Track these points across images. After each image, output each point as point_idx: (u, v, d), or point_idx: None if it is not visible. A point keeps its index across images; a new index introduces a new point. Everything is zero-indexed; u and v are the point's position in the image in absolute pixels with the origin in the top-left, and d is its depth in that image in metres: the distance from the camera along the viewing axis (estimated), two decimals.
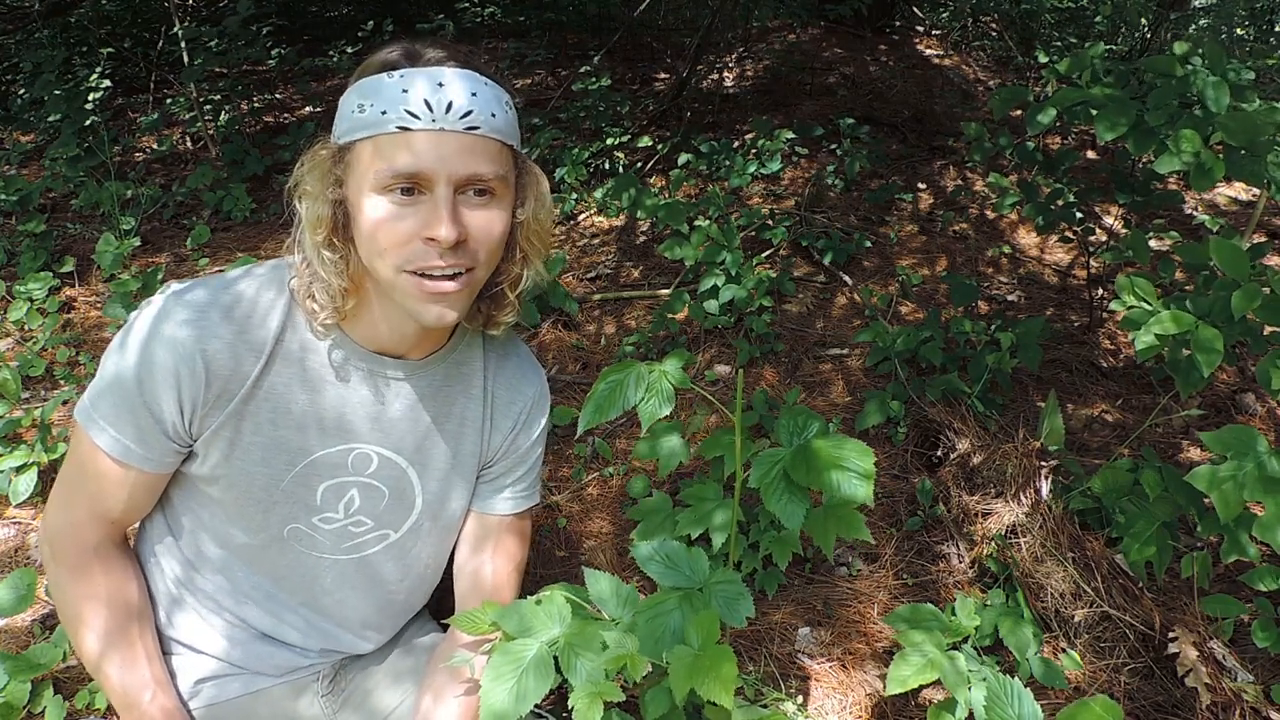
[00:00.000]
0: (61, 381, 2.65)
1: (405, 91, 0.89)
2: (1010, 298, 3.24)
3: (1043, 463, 2.07)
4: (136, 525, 1.17)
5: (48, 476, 2.19)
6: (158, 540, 1.14)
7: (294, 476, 1.06)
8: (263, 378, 1.00)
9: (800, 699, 1.68)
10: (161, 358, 0.95)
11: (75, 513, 1.06)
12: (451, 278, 0.93)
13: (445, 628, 1.23)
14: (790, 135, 4.06)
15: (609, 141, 4.13)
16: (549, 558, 2.14)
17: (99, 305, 3.16)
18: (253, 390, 1.00)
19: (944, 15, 6.10)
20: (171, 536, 1.13)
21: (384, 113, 0.89)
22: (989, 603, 1.85)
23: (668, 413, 1.08)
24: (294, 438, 1.04)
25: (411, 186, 0.90)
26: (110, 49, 4.67)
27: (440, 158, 0.89)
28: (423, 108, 0.88)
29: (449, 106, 0.89)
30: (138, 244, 3.50)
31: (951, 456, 2.21)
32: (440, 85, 0.90)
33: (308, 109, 5.04)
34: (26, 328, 2.94)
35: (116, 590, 1.08)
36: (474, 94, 0.91)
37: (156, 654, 1.12)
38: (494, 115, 0.93)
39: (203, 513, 1.10)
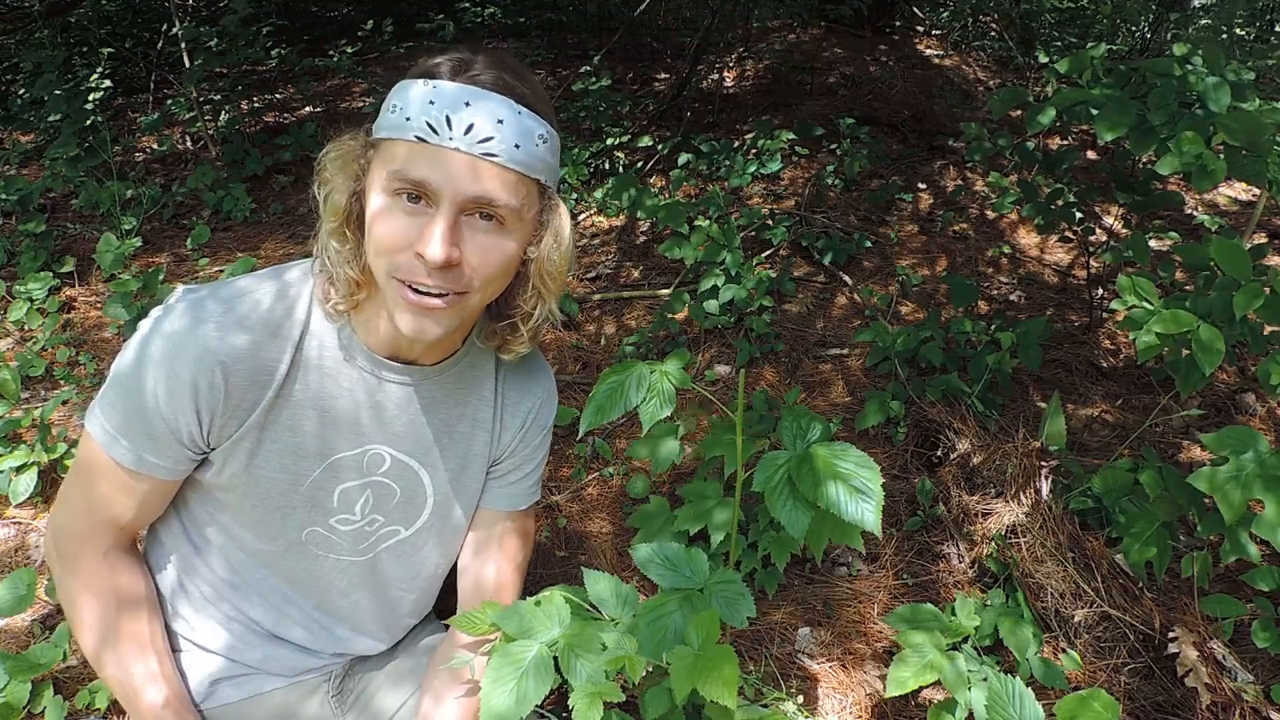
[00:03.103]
0: (61, 381, 2.65)
1: (431, 104, 0.88)
2: (1010, 298, 3.24)
3: (1043, 463, 2.07)
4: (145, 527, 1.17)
5: (48, 476, 2.19)
6: (170, 540, 1.14)
7: (312, 481, 1.06)
8: (284, 387, 1.00)
9: (800, 699, 1.68)
10: (178, 369, 0.94)
11: (82, 518, 1.05)
12: (438, 295, 0.91)
13: (449, 628, 1.23)
14: (790, 135, 4.06)
15: (609, 141, 4.13)
16: (549, 558, 2.14)
17: (99, 305, 3.16)
18: (275, 400, 0.99)
19: (944, 15, 6.10)
20: (185, 537, 1.13)
21: (408, 119, 0.88)
22: (989, 603, 1.85)
23: (669, 413, 1.07)
24: (312, 443, 1.04)
25: (418, 195, 0.89)
26: (110, 49, 4.66)
27: (447, 177, 0.87)
28: (442, 124, 0.87)
29: (469, 128, 0.87)
30: (138, 244, 3.50)
31: (951, 456, 2.21)
32: (467, 105, 0.88)
33: (308, 109, 5.04)
34: (26, 328, 2.94)
35: (123, 589, 1.08)
36: (500, 121, 0.89)
37: (165, 651, 1.11)
38: (518, 146, 0.90)
39: (220, 516, 1.09)
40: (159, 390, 0.94)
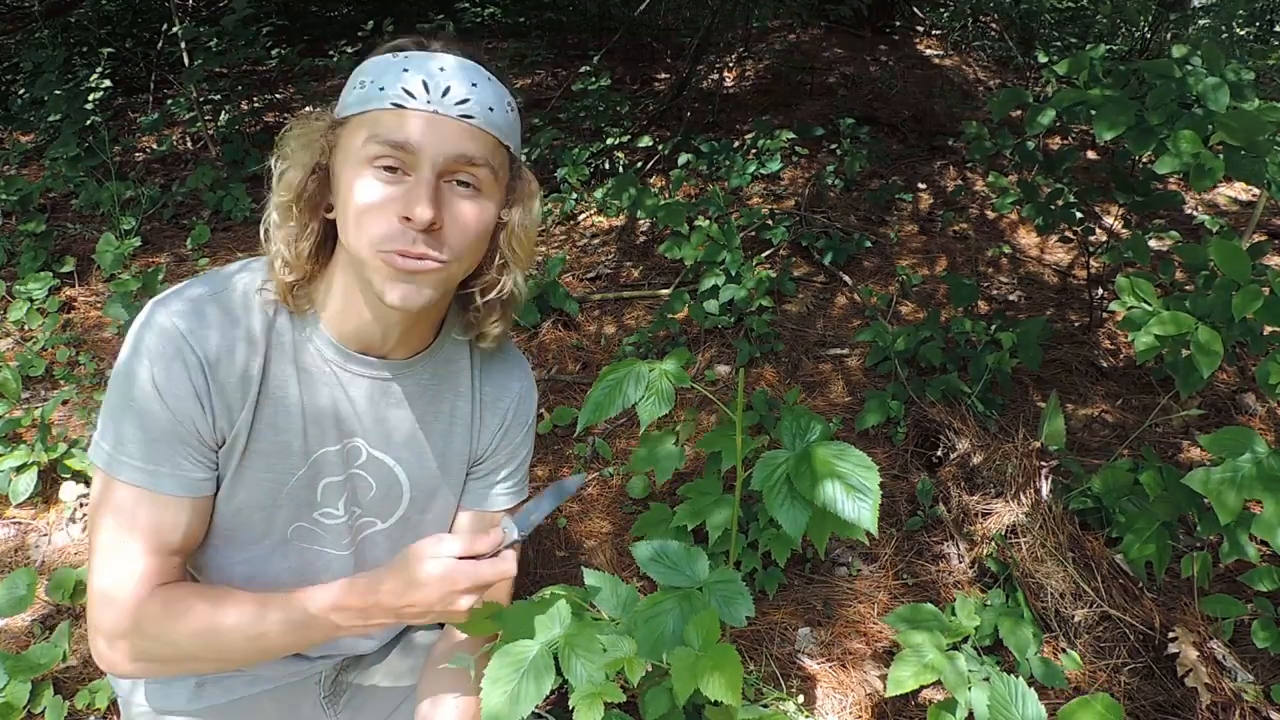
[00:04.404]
0: (61, 381, 2.65)
1: (405, 71, 0.90)
2: (1010, 298, 3.24)
3: (1043, 463, 2.07)
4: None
5: (48, 476, 2.19)
6: None
7: (297, 479, 1.05)
8: (264, 385, 0.99)
9: (800, 699, 1.68)
10: (172, 382, 0.93)
11: (135, 563, 0.96)
12: (423, 259, 0.91)
13: (442, 625, 1.23)
14: (790, 135, 4.06)
15: (609, 141, 4.13)
16: (549, 558, 2.14)
17: (99, 305, 3.16)
18: (258, 399, 0.99)
19: (944, 15, 6.10)
20: None
21: (381, 89, 0.90)
22: (989, 603, 1.85)
23: (667, 412, 1.07)
24: (296, 441, 1.03)
25: (396, 164, 0.90)
26: (110, 49, 4.66)
27: (428, 137, 0.89)
28: (420, 88, 0.89)
29: (446, 90, 0.90)
30: (138, 244, 3.50)
31: (951, 456, 2.21)
32: (441, 69, 0.90)
33: (308, 109, 5.03)
34: (26, 328, 2.95)
35: (199, 590, 1.02)
36: (474, 84, 0.92)
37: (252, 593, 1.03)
38: (492, 110, 0.93)
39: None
40: (166, 408, 0.93)
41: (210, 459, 0.98)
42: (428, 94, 0.89)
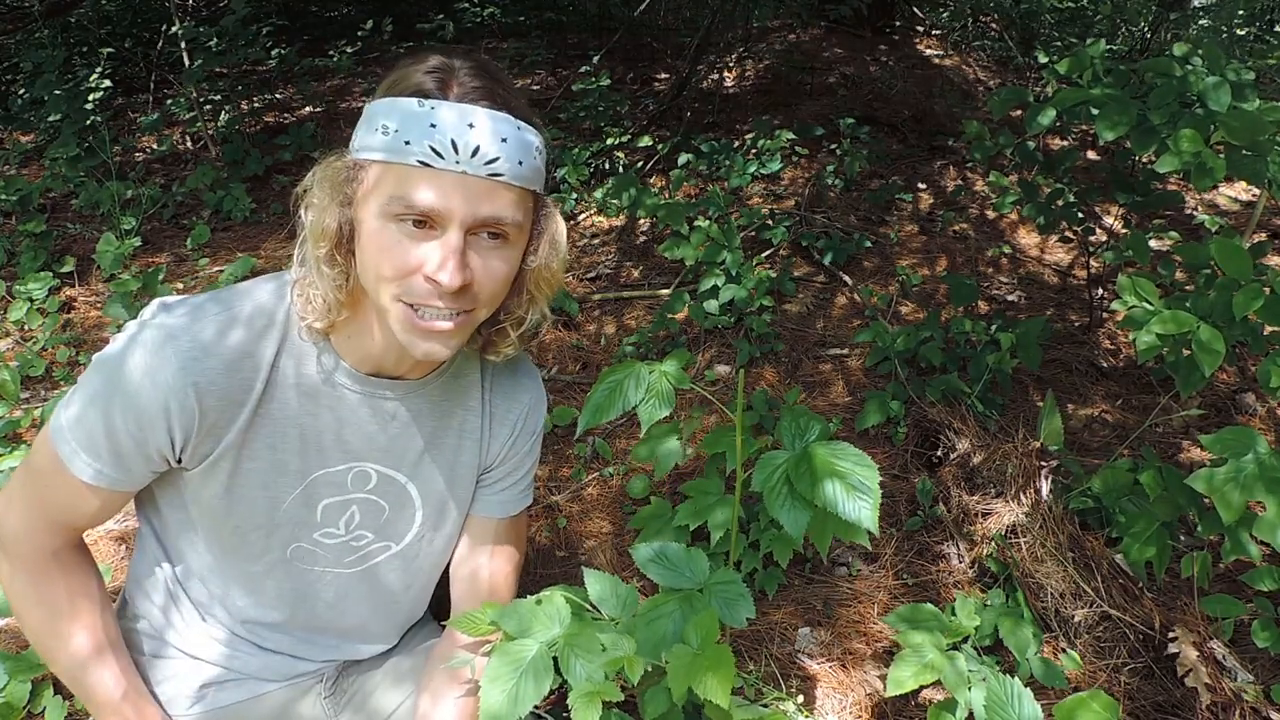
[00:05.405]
0: (61, 382, 2.65)
1: (433, 126, 0.86)
2: (1010, 298, 3.24)
3: (1043, 463, 2.07)
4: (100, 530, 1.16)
5: None
6: (155, 561, 1.13)
7: (294, 499, 1.05)
8: (260, 406, 0.98)
9: (800, 699, 1.68)
10: (149, 391, 0.92)
11: (33, 518, 1.02)
12: (448, 318, 0.91)
13: (444, 626, 1.23)
14: (790, 135, 4.06)
15: (609, 141, 4.12)
16: (549, 558, 2.14)
17: (99, 305, 3.16)
18: (250, 419, 0.98)
19: (944, 15, 6.10)
20: (168, 561, 1.12)
21: (408, 143, 0.86)
22: (989, 603, 1.85)
23: (667, 414, 1.07)
24: (293, 461, 1.03)
25: (423, 220, 0.88)
26: (110, 49, 4.66)
27: (457, 201, 0.87)
28: (448, 148, 0.85)
29: (475, 150, 0.86)
30: (138, 244, 3.50)
31: (951, 456, 2.21)
32: (470, 126, 0.86)
33: (308, 109, 5.04)
34: (26, 328, 2.95)
35: (75, 585, 1.06)
36: (504, 140, 0.88)
37: (120, 644, 1.10)
38: (520, 163, 0.90)
39: (199, 544, 1.08)
40: (129, 412, 0.93)
41: (150, 471, 0.99)
42: (456, 154, 0.86)
